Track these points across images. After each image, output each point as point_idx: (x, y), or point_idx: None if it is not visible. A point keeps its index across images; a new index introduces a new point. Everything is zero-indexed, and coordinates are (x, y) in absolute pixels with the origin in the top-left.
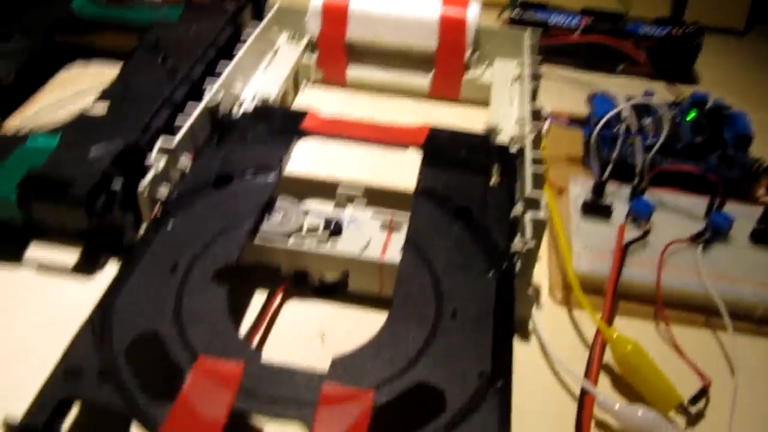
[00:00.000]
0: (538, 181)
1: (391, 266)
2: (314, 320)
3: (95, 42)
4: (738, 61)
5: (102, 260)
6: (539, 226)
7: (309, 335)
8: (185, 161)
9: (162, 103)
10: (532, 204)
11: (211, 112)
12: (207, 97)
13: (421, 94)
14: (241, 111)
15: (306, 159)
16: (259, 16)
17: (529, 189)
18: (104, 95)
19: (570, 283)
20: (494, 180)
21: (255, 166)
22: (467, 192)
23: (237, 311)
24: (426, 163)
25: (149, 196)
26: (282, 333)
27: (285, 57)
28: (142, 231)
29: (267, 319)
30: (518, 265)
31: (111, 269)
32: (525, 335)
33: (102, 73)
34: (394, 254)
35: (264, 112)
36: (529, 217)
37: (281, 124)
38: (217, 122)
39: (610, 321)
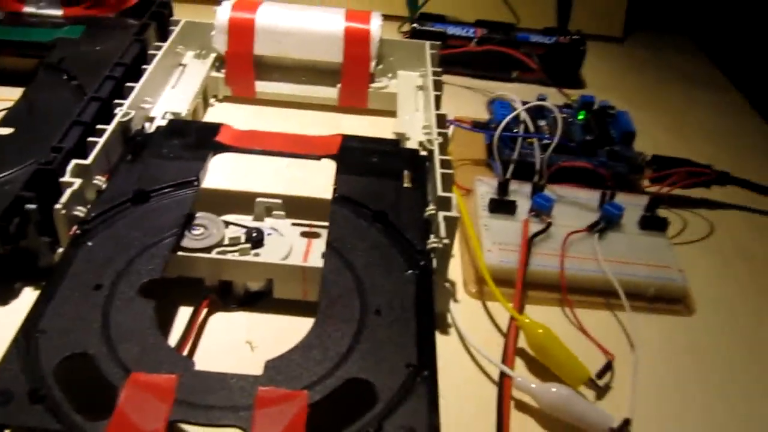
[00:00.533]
0: (448, 182)
1: (313, 271)
2: (242, 330)
3: None
4: (618, 65)
5: (17, 286)
6: (451, 224)
7: (238, 344)
8: (100, 180)
9: (72, 123)
10: (444, 204)
11: (124, 129)
12: (119, 115)
13: (330, 105)
14: (154, 127)
15: (222, 173)
16: (163, 33)
17: (439, 190)
18: (8, 117)
19: (482, 276)
20: (407, 183)
21: (172, 180)
22: (382, 196)
23: (164, 326)
24: (341, 170)
25: (66, 216)
26: (211, 344)
27: (193, 73)
28: (58, 253)
29: (194, 331)
30: (434, 262)
31: (26, 296)
32: (445, 328)
33: (0, 95)
34: (315, 260)
35: (178, 126)
36: (441, 216)
37: (196, 137)
38: (130, 139)
39: (521, 309)
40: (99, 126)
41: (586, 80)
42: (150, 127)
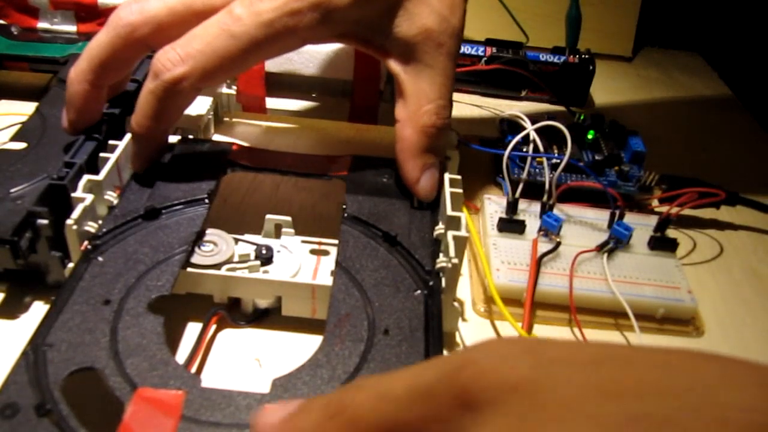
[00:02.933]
0: (457, 201)
1: (322, 289)
2: (250, 346)
3: (5, 78)
4: (628, 84)
5: (27, 300)
6: (460, 244)
7: (246, 361)
8: (112, 195)
9: (84, 138)
10: (453, 223)
11: None
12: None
13: (341, 122)
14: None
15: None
16: None
17: (449, 209)
18: (21, 132)
19: (491, 295)
20: (416, 202)
21: (183, 198)
22: (392, 216)
23: (173, 342)
24: (351, 190)
25: (77, 231)
26: (219, 361)
27: (205, 90)
28: (69, 268)
29: (203, 347)
30: (443, 282)
31: (36, 310)
32: (453, 347)
33: (14, 110)
34: (324, 278)
35: (190, 143)
36: (450, 235)
37: (207, 155)
38: None
39: (529, 328)
40: (111, 141)
41: (595, 99)
42: None
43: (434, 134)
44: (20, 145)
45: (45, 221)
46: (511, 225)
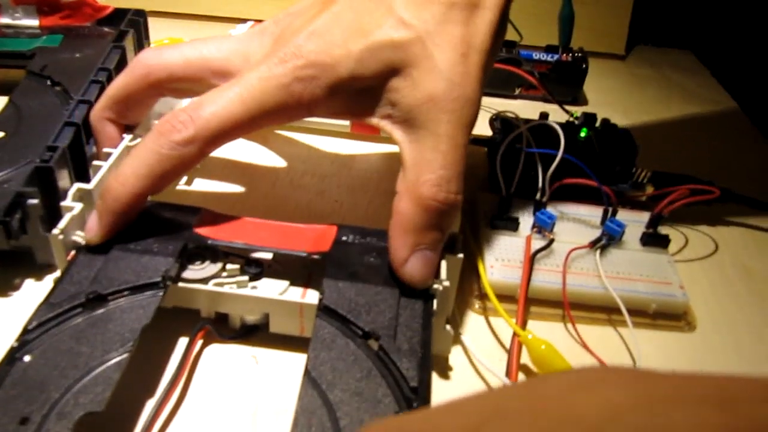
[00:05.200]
0: (455, 221)
1: (311, 308)
2: (237, 361)
3: None
4: (620, 82)
5: (16, 282)
6: (454, 265)
7: (232, 376)
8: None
9: (63, 124)
10: (447, 244)
11: None
12: (126, 139)
13: (343, 132)
14: None
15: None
16: (140, 42)
17: None
18: None
19: (486, 292)
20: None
21: (136, 281)
22: (376, 309)
23: (160, 356)
24: (330, 274)
25: (64, 240)
26: (206, 376)
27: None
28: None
29: (189, 362)
30: (435, 304)
31: (27, 288)
32: (445, 371)
33: None
34: (313, 296)
35: (152, 208)
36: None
37: (170, 224)
38: None
39: (523, 324)
40: (105, 150)
41: (588, 97)
42: None
43: (434, 209)
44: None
45: (35, 201)
46: (504, 222)
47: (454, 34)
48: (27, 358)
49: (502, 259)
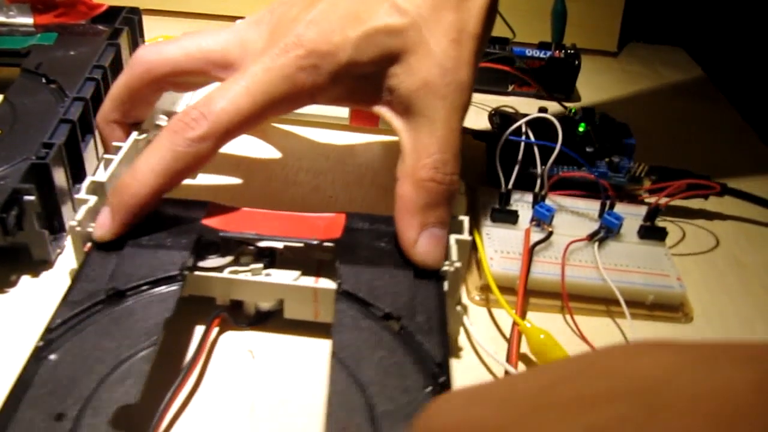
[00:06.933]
0: (459, 204)
1: (325, 292)
2: (252, 347)
3: None
4: (613, 79)
5: (13, 279)
6: (464, 247)
7: (246, 362)
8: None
9: (59, 121)
10: (456, 225)
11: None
12: (134, 134)
13: (342, 124)
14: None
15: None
16: (135, 40)
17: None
18: None
19: (487, 283)
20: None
21: (151, 276)
22: (393, 291)
23: (175, 344)
24: (344, 260)
25: (81, 233)
26: (220, 362)
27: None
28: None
29: (205, 349)
30: (446, 285)
31: (24, 284)
32: (456, 351)
33: None
34: (327, 281)
35: (160, 205)
36: (453, 239)
37: (179, 219)
38: None
39: (523, 315)
40: (114, 143)
41: (581, 94)
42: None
43: (435, 190)
44: None
45: (32, 197)
46: (504, 215)
47: (448, 20)
48: (53, 357)
49: (502, 251)
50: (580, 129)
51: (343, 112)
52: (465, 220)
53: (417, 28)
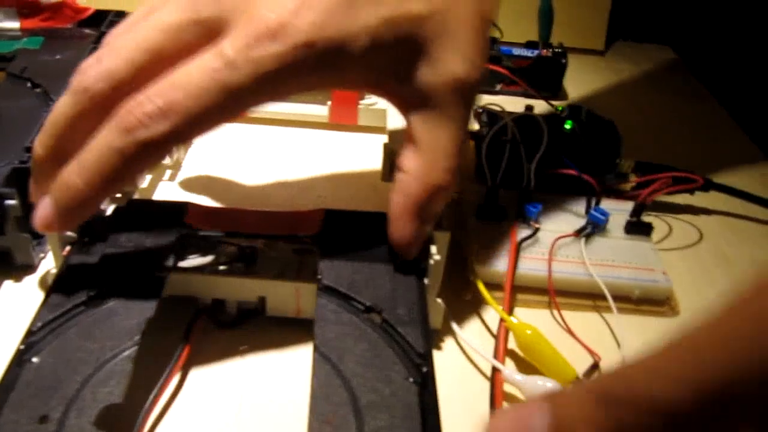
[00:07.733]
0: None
1: (306, 288)
2: (234, 347)
3: None
4: (600, 77)
5: None
6: (444, 241)
7: (229, 363)
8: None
9: (41, 125)
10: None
11: None
12: None
13: (321, 122)
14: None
15: None
16: None
17: None
18: None
19: (474, 280)
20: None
21: (133, 274)
22: (374, 284)
23: (156, 345)
24: (324, 255)
25: (59, 235)
26: (203, 363)
27: None
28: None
29: (187, 350)
30: (427, 280)
31: (5, 290)
32: (438, 344)
33: None
34: (308, 276)
35: (137, 207)
36: (433, 233)
37: (159, 220)
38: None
39: (510, 311)
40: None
41: (568, 92)
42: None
43: (443, 196)
44: None
45: (13, 202)
46: (490, 212)
47: (472, 8)
48: (36, 360)
49: (488, 248)
50: (567, 126)
51: (322, 110)
52: (444, 214)
53: (441, 15)
